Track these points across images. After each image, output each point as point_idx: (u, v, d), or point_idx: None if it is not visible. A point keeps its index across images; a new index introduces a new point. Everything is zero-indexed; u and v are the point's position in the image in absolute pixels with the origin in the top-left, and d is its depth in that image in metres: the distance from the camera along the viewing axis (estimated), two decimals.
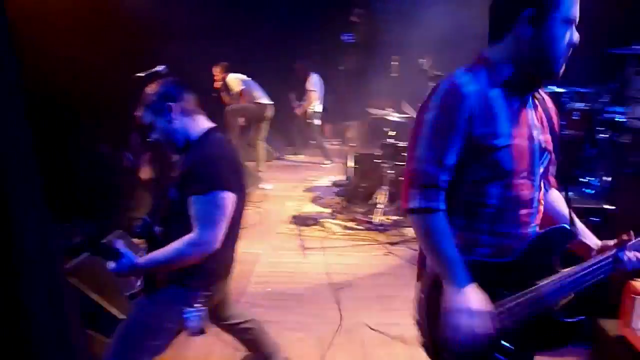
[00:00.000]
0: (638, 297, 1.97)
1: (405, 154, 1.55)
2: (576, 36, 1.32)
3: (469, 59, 1.44)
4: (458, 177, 1.39)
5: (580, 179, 4.88)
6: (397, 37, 7.68)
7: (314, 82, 7.43)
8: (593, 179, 4.77)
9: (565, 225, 1.43)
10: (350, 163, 5.65)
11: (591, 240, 1.50)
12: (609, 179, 4.29)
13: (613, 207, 2.92)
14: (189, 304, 1.90)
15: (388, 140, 5.16)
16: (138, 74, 3.43)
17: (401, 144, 5.09)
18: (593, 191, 4.10)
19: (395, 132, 5.22)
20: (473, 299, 1.31)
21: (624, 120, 3.80)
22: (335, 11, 8.56)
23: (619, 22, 5.35)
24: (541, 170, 1.44)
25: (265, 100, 6.53)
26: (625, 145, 3.47)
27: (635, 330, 1.97)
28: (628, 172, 3.34)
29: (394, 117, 5.16)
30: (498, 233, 1.41)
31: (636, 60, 4.34)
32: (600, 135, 4.79)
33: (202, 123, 2.00)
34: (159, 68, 3.46)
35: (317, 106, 7.56)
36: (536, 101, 1.47)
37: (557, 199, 1.59)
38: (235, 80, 6.49)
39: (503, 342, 1.37)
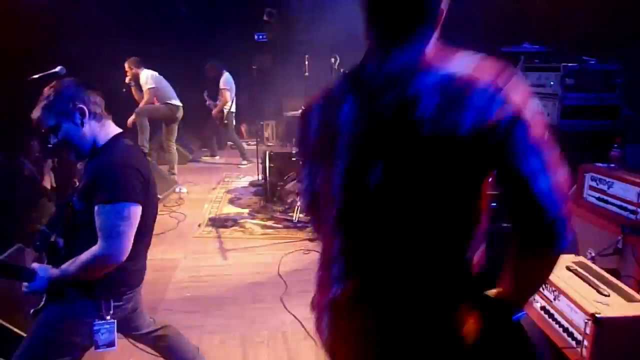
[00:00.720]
0: None
1: None
2: None
3: None
4: None
5: None
6: (309, 36, 7.80)
7: (227, 81, 7.34)
8: None
9: None
10: (267, 162, 5.66)
11: None
12: None
13: None
14: (98, 316, 1.83)
15: None
16: (33, 76, 3.19)
17: None
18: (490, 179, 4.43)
19: None
20: None
21: None
22: (248, 10, 8.52)
23: (510, 23, 5.81)
24: None
25: (175, 101, 6.34)
26: None
27: (530, 302, 2.18)
28: None
29: None
30: None
31: (526, 57, 4.75)
32: None
33: (110, 128, 1.91)
34: (57, 69, 3.24)
35: (232, 106, 7.48)
36: None
37: None
38: (147, 78, 6.22)
39: None
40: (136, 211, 1.78)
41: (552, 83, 3.39)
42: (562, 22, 5.21)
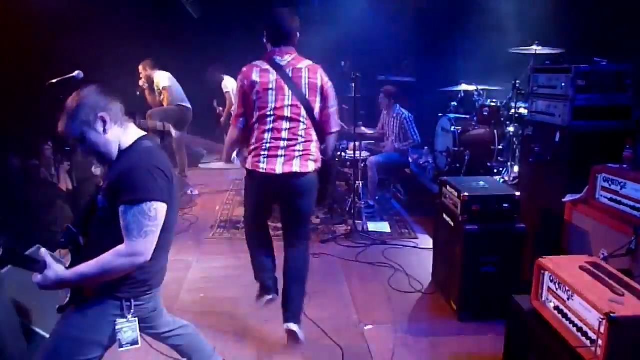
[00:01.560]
0: (546, 272, 2.19)
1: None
2: None
3: (384, 60, 1.54)
4: None
5: (495, 170, 5.28)
6: (318, 40, 7.82)
7: (227, 85, 7.36)
8: (503, 169, 5.19)
9: None
10: None
11: None
12: (516, 168, 4.67)
13: (518, 194, 3.17)
14: (120, 315, 1.86)
15: None
16: (51, 81, 3.24)
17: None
18: (503, 180, 4.44)
19: None
20: None
21: (527, 114, 4.14)
22: (256, 15, 8.56)
23: (521, 24, 5.82)
24: None
25: (187, 103, 6.40)
26: (528, 137, 3.79)
27: (544, 302, 2.19)
28: (531, 162, 3.65)
29: None
30: None
31: (536, 59, 4.76)
32: (508, 129, 5.21)
33: (133, 131, 1.95)
34: (75, 74, 3.29)
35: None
36: None
37: None
38: (163, 77, 6.28)
39: None
40: (163, 210, 1.81)
41: (563, 85, 3.38)
42: (572, 24, 5.21)
